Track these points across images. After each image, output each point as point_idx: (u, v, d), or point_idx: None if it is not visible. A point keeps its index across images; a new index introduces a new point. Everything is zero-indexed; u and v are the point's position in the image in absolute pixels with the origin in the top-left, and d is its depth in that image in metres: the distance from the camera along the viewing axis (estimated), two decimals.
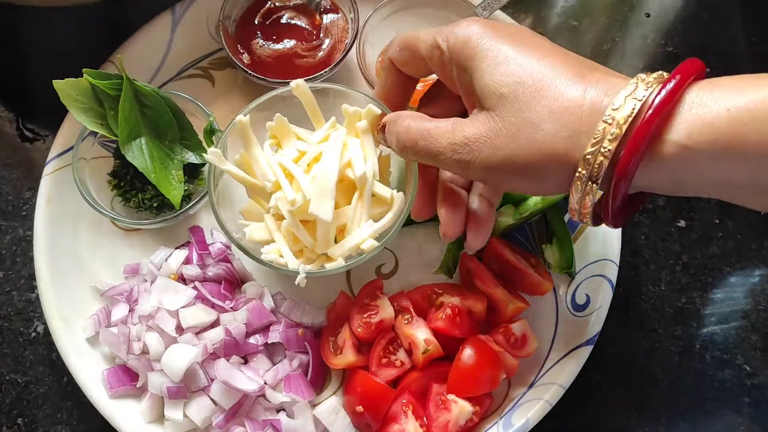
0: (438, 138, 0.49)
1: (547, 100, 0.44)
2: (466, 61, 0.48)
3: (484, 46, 0.48)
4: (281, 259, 0.65)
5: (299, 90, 0.67)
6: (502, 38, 0.48)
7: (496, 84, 0.46)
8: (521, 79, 0.45)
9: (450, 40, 0.50)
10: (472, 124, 0.48)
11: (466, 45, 0.48)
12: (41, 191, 0.72)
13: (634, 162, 0.41)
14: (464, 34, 0.49)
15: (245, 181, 0.67)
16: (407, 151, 0.53)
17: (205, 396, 0.65)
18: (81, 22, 0.84)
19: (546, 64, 0.45)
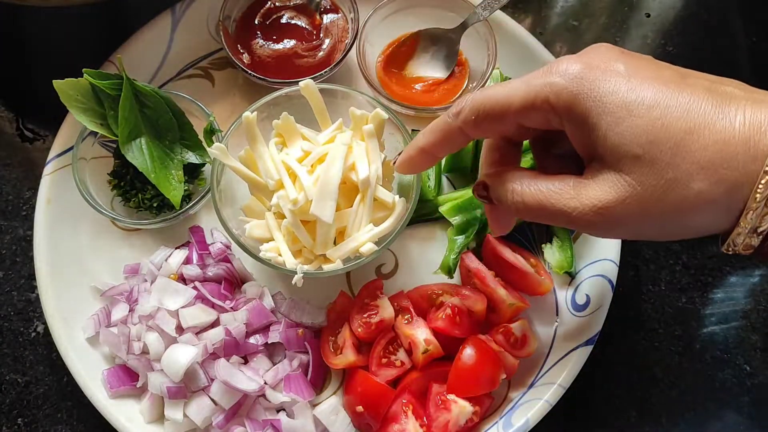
0: (559, 203, 0.43)
1: (692, 155, 0.38)
2: (581, 118, 0.42)
3: (599, 96, 0.41)
4: (279, 258, 0.65)
5: (308, 90, 0.67)
6: (613, 79, 0.41)
7: (626, 145, 0.40)
8: (655, 137, 0.39)
9: (552, 97, 0.43)
10: (600, 187, 0.42)
11: (576, 98, 0.42)
12: (41, 191, 0.72)
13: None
14: (571, 86, 0.42)
15: (248, 177, 0.67)
16: (522, 215, 0.47)
17: (205, 396, 0.65)
18: (81, 22, 0.84)
19: (676, 105, 0.39)
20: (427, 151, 0.52)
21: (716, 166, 0.38)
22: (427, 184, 0.74)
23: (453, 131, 0.49)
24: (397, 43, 0.80)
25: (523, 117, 0.45)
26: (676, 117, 0.39)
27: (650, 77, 0.41)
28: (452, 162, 0.74)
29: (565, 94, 0.42)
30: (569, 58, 0.43)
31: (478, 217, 0.71)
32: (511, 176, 0.47)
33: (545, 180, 0.45)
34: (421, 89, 0.79)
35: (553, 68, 0.43)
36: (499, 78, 0.73)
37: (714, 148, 0.38)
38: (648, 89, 0.40)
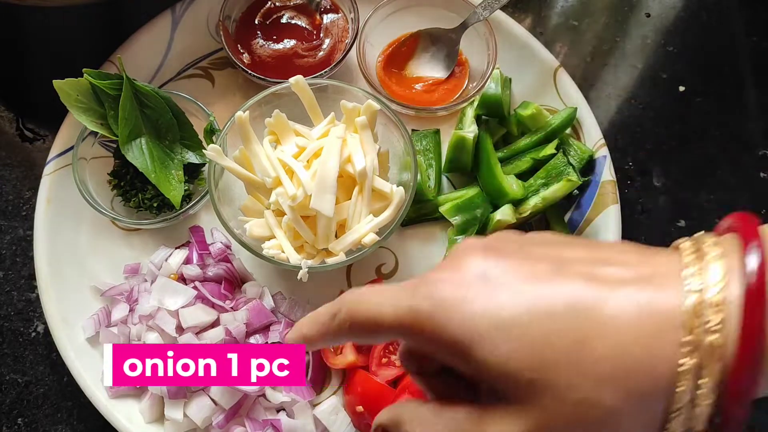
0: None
1: (591, 369, 0.32)
2: (453, 348, 0.35)
3: (467, 320, 0.34)
4: (283, 255, 0.65)
5: (298, 86, 0.68)
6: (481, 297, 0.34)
7: (513, 372, 0.33)
8: (543, 358, 0.32)
9: (417, 326, 0.35)
10: (502, 422, 0.34)
11: (444, 330, 0.34)
12: (41, 191, 0.72)
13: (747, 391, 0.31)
14: (435, 312, 0.35)
15: (245, 177, 0.68)
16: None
17: (205, 396, 0.65)
18: (81, 22, 0.84)
19: (559, 313, 0.33)
20: (309, 341, 0.45)
21: (620, 378, 0.32)
22: (427, 184, 0.74)
23: (332, 330, 0.42)
24: (397, 43, 0.80)
25: (396, 337, 0.39)
26: (562, 328, 0.32)
27: (522, 280, 0.35)
28: (452, 162, 0.74)
29: (429, 323, 0.35)
30: (433, 277, 0.37)
31: (478, 217, 0.71)
32: (407, 417, 0.40)
33: (443, 414, 0.38)
34: (421, 89, 0.79)
35: (419, 288, 0.36)
36: (499, 78, 0.73)
37: (612, 358, 0.32)
38: (521, 300, 0.34)
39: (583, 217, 0.73)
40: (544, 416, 0.33)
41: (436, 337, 0.35)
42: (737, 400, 0.30)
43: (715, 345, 0.30)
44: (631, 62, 0.86)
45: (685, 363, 0.30)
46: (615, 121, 0.83)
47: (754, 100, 0.84)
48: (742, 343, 0.30)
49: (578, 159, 0.73)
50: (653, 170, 0.81)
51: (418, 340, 0.37)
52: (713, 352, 0.30)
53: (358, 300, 0.39)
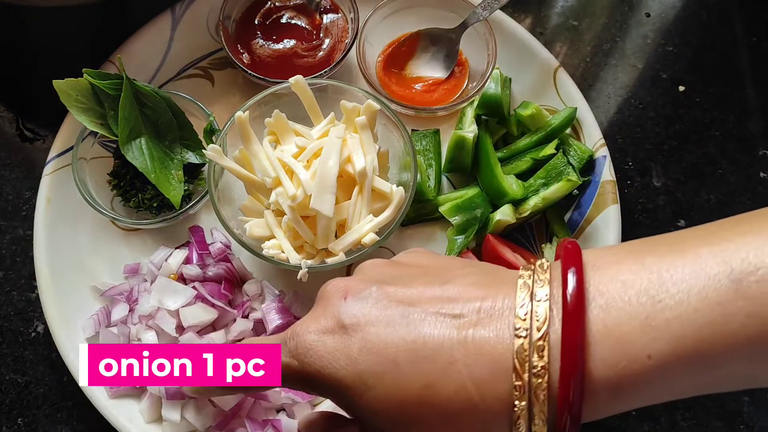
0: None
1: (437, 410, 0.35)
2: (331, 399, 0.41)
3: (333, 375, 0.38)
4: (283, 255, 0.65)
5: (298, 86, 0.68)
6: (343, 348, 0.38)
7: (377, 416, 0.37)
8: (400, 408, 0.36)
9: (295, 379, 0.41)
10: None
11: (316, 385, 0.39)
12: (41, 191, 0.72)
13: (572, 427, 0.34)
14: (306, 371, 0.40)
15: (245, 177, 0.68)
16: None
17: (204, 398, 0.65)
18: (81, 22, 0.84)
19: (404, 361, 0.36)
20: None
21: (465, 417, 0.35)
22: (427, 184, 0.74)
23: None
24: (397, 43, 0.80)
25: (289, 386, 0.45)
26: (408, 376, 0.35)
27: (374, 330, 0.37)
28: (452, 162, 0.74)
29: (301, 376, 0.40)
30: (301, 326, 0.41)
31: (477, 217, 0.71)
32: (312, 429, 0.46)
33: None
34: (421, 89, 0.79)
35: (288, 343, 0.42)
36: (499, 78, 0.73)
37: (454, 402, 0.35)
38: (374, 352, 0.37)
39: (583, 217, 0.73)
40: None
41: (309, 386, 0.40)
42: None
43: (542, 387, 0.33)
44: (631, 62, 0.86)
45: (518, 405, 0.33)
46: (615, 121, 0.83)
47: (754, 100, 0.84)
48: (562, 385, 0.32)
49: (578, 159, 0.73)
50: (653, 170, 0.81)
51: (297, 387, 0.42)
52: (540, 394, 0.33)
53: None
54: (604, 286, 0.34)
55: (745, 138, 0.82)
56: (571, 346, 0.32)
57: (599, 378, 0.33)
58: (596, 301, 0.33)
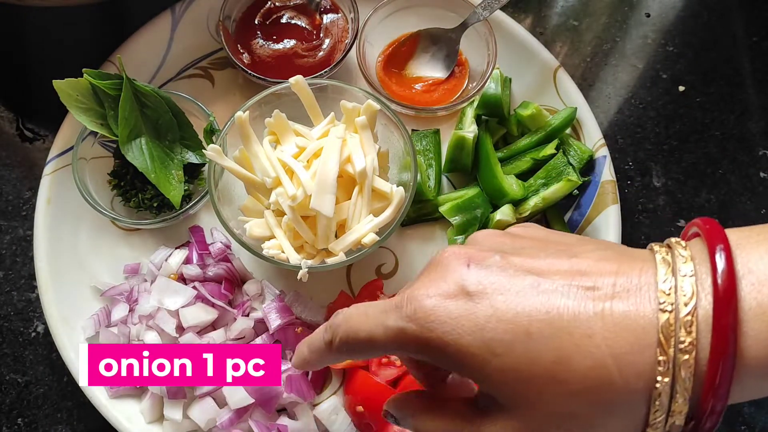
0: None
1: (568, 387, 0.34)
2: (447, 363, 0.38)
3: (456, 340, 0.36)
4: (283, 255, 0.65)
5: (298, 86, 0.68)
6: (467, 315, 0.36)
7: (499, 385, 0.36)
8: (523, 375, 0.35)
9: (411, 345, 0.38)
10: (493, 426, 0.37)
11: (435, 348, 0.37)
12: (41, 191, 0.72)
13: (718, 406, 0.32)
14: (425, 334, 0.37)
15: (245, 177, 0.68)
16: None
17: (208, 397, 0.65)
18: (81, 22, 0.84)
19: (538, 332, 0.34)
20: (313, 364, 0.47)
21: (596, 393, 0.33)
22: (427, 184, 0.74)
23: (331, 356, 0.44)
24: (397, 43, 0.80)
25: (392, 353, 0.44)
26: (541, 348, 0.34)
27: (503, 299, 0.36)
28: (452, 162, 0.74)
29: (417, 342, 0.37)
30: (418, 291, 0.38)
31: (478, 217, 0.71)
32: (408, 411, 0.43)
33: (440, 412, 0.41)
34: (421, 89, 0.79)
35: (404, 308, 0.38)
36: (499, 78, 0.73)
37: (589, 376, 0.33)
38: (504, 320, 0.35)
39: (583, 217, 0.73)
40: (529, 425, 0.35)
41: (427, 352, 0.38)
42: (710, 414, 0.32)
43: (688, 364, 0.32)
44: (631, 62, 0.86)
45: (660, 382, 0.32)
46: (615, 121, 0.83)
47: (754, 100, 0.84)
48: (711, 364, 0.31)
49: (578, 159, 0.73)
50: (653, 170, 0.81)
51: (411, 353, 0.39)
52: (685, 371, 0.32)
53: (347, 326, 0.41)
54: (754, 264, 0.33)
55: (745, 138, 0.82)
56: (723, 324, 0.31)
57: (751, 357, 0.32)
58: (747, 279, 0.32)
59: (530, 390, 0.35)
